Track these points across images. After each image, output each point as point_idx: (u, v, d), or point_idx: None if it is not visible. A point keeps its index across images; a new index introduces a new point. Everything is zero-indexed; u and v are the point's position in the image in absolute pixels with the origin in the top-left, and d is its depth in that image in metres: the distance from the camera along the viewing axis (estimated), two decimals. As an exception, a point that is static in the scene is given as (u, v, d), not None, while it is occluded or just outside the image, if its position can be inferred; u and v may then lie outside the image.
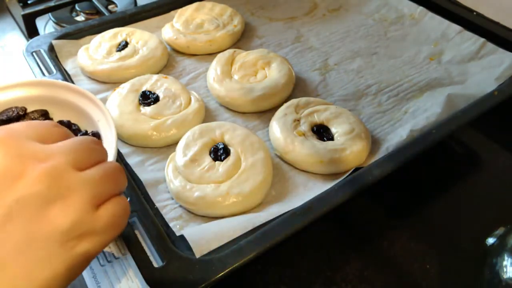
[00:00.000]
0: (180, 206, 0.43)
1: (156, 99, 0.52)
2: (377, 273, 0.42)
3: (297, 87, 0.57)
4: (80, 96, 0.39)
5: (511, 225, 0.44)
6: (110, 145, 0.35)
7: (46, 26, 0.75)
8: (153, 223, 0.39)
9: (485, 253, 0.42)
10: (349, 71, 0.60)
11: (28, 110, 0.40)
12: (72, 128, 0.39)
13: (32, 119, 0.40)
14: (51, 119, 0.41)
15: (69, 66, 0.59)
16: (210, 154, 0.46)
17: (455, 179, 0.52)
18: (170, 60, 0.62)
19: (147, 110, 0.51)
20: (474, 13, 0.65)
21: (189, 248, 0.37)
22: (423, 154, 0.45)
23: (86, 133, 0.39)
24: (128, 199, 0.40)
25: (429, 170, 0.52)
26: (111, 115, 0.37)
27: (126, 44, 0.60)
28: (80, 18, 0.76)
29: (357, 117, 0.50)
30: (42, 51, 0.59)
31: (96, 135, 0.37)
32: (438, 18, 0.67)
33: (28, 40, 0.63)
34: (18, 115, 0.39)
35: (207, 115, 0.53)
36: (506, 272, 0.39)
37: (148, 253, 0.37)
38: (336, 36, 0.67)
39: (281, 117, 0.49)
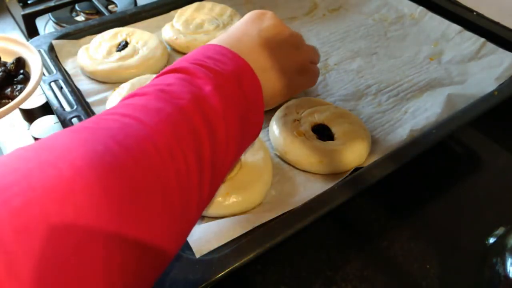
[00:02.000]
0: (180, 206, 0.43)
1: (156, 99, 0.52)
2: (377, 273, 0.42)
3: (297, 87, 0.57)
4: (8, 42, 0.52)
5: (511, 225, 0.44)
6: (36, 65, 0.49)
7: (46, 26, 0.75)
8: (153, 223, 0.39)
9: (485, 253, 0.42)
10: (349, 71, 0.60)
11: None
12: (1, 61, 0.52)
13: None
14: None
15: (69, 66, 0.59)
16: (210, 154, 0.45)
17: (455, 179, 0.52)
18: (170, 60, 0.62)
19: (147, 110, 0.51)
20: (474, 13, 0.65)
21: (189, 248, 0.37)
22: (423, 154, 0.45)
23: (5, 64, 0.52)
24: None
25: (429, 170, 0.52)
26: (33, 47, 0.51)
27: (126, 44, 0.60)
28: (80, 18, 0.76)
29: (357, 117, 0.50)
30: (42, 51, 0.59)
31: (21, 59, 0.51)
32: (438, 18, 0.67)
33: (28, 40, 0.63)
34: None
35: (207, 115, 0.53)
36: (506, 272, 0.39)
37: (148, 253, 0.37)
38: (336, 36, 0.67)
39: (281, 117, 0.49)
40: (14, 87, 0.48)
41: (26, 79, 0.49)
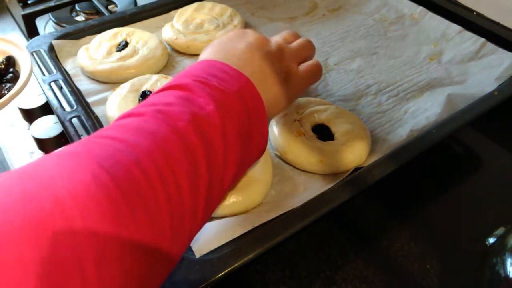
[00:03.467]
0: (180, 206, 0.43)
1: (156, 99, 0.52)
2: (377, 273, 0.42)
3: (297, 87, 0.57)
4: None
5: (511, 225, 0.44)
6: (25, 64, 0.51)
7: (46, 26, 0.75)
8: (153, 223, 0.39)
9: (485, 253, 0.42)
10: (349, 71, 0.60)
11: None
12: None
13: None
14: None
15: (69, 66, 0.59)
16: (210, 154, 0.45)
17: (455, 179, 0.52)
18: (170, 60, 0.62)
19: (147, 110, 0.51)
20: (474, 13, 0.65)
21: (189, 248, 0.37)
22: (423, 154, 0.45)
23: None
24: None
25: (429, 170, 0.52)
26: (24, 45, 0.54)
27: (126, 44, 0.60)
28: (80, 18, 0.76)
29: (357, 117, 0.50)
30: (42, 51, 0.59)
31: (11, 58, 0.53)
32: (438, 18, 0.67)
33: (28, 40, 0.63)
34: None
35: (207, 115, 0.53)
36: (506, 272, 0.39)
37: (148, 253, 0.37)
38: (336, 36, 0.67)
39: (281, 117, 0.49)
40: (4, 85, 0.48)
41: (16, 77, 0.49)
